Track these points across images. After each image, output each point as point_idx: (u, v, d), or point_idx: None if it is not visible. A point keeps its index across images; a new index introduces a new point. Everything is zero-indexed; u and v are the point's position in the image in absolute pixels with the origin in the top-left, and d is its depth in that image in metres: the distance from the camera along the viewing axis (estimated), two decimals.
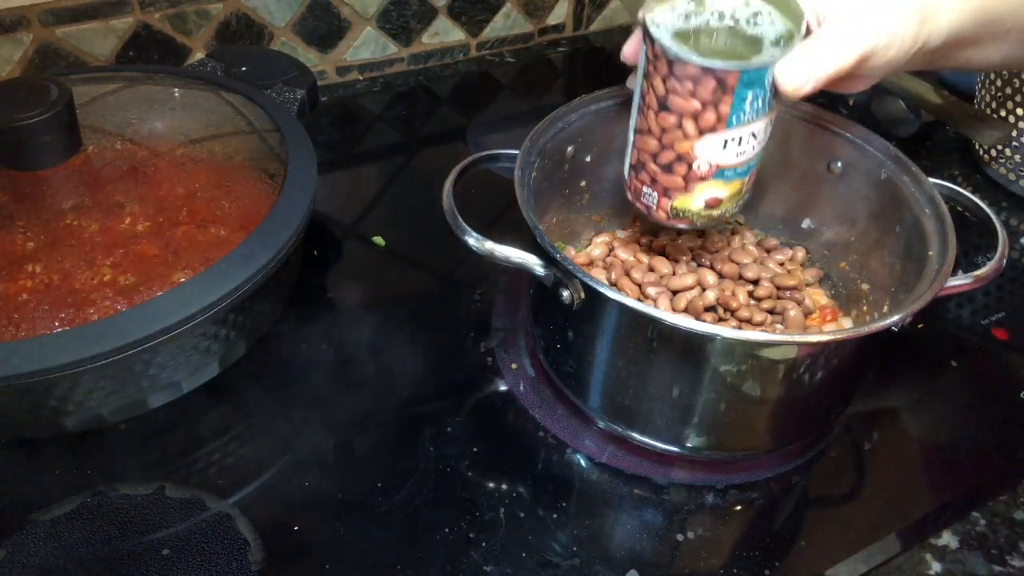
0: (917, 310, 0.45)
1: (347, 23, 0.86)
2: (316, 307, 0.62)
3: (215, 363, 0.53)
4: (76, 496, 0.48)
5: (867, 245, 0.58)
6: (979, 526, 0.51)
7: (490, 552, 0.47)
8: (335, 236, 0.69)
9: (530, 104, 0.89)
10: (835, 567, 0.48)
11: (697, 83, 0.42)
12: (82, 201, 0.53)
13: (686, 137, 0.44)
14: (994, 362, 0.62)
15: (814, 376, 0.46)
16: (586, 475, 0.52)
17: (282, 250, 0.51)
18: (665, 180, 0.47)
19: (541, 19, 0.97)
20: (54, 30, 0.73)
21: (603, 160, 0.62)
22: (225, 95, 0.64)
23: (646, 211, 0.50)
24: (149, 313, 0.46)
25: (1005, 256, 0.50)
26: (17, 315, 0.47)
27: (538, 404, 0.55)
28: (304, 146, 0.59)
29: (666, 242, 0.61)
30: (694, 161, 0.45)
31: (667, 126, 0.45)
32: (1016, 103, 0.73)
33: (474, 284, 0.64)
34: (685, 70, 0.42)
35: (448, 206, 0.50)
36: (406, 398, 0.56)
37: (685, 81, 0.42)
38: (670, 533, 0.49)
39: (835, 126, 0.59)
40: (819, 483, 0.53)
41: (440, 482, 0.51)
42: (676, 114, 0.44)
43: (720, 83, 0.42)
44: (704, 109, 0.43)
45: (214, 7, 0.78)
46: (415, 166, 0.78)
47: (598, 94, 0.59)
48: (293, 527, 0.48)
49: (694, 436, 0.49)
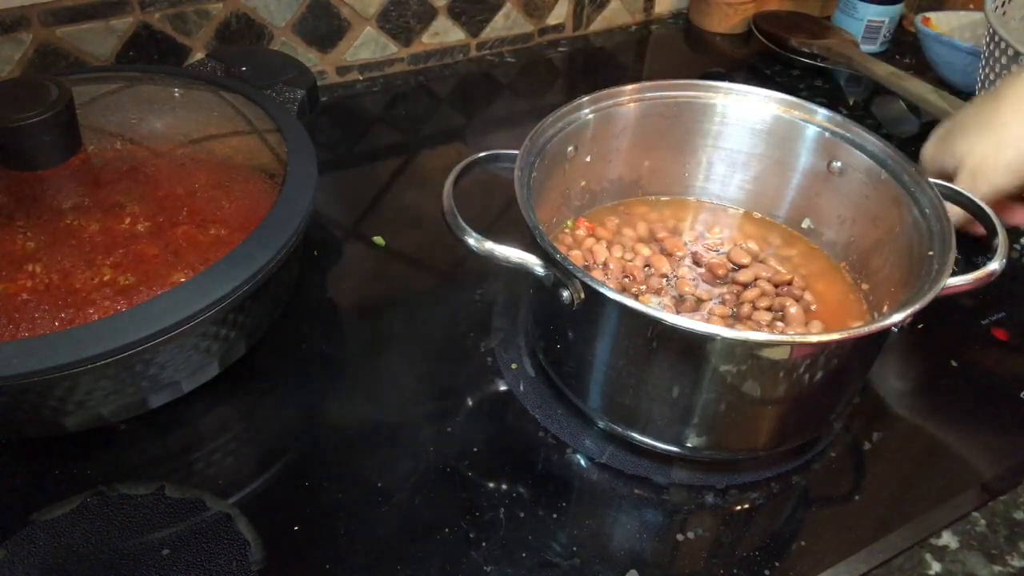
0: (917, 310, 0.45)
1: (347, 23, 0.86)
2: (316, 307, 0.62)
3: (215, 363, 0.53)
4: (76, 496, 0.48)
5: (867, 245, 0.58)
6: (979, 526, 0.51)
7: (490, 552, 0.47)
8: (335, 236, 0.69)
9: (530, 104, 0.89)
10: (835, 567, 0.48)
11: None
12: (82, 201, 0.53)
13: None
14: (994, 362, 0.62)
15: (814, 376, 0.46)
16: (586, 475, 0.52)
17: (282, 250, 0.51)
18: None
19: (541, 19, 0.97)
20: (54, 30, 0.73)
21: (603, 160, 0.62)
22: (225, 95, 0.64)
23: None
24: (149, 313, 0.46)
25: (1005, 256, 0.50)
26: (17, 315, 0.47)
27: (538, 404, 0.55)
28: (304, 146, 0.59)
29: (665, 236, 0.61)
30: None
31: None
32: None
33: (474, 284, 0.64)
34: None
35: (448, 206, 0.50)
36: (406, 398, 0.56)
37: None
38: (670, 533, 0.49)
39: (835, 126, 0.59)
40: (819, 483, 0.53)
41: (440, 482, 0.51)
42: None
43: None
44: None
45: (214, 7, 0.78)
46: (415, 166, 0.78)
47: (598, 94, 0.59)
48: (293, 527, 0.48)
49: (694, 436, 0.49)
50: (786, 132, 0.61)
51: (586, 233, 0.61)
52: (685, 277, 0.59)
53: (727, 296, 0.57)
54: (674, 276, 0.59)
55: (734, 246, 0.61)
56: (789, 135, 0.61)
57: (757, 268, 0.59)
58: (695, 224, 0.64)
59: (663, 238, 0.62)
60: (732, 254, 0.60)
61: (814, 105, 0.60)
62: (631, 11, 1.04)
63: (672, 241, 0.61)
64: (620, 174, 0.64)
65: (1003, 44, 0.72)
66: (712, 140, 0.63)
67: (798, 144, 0.61)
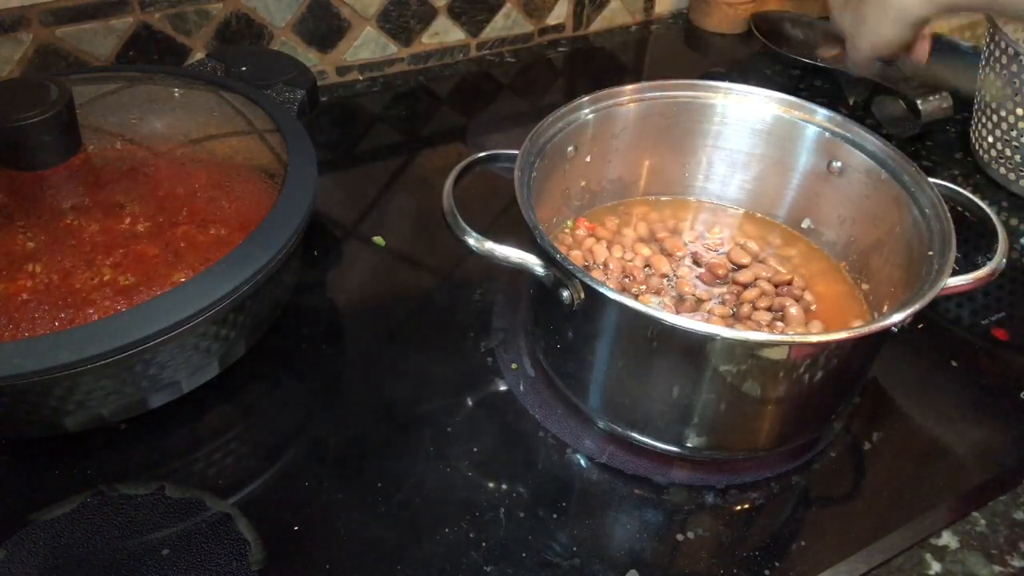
0: (917, 310, 0.45)
1: (347, 23, 0.86)
2: (316, 307, 0.62)
3: (215, 363, 0.53)
4: (76, 496, 0.48)
5: (867, 245, 0.58)
6: (979, 526, 0.51)
7: (490, 552, 0.47)
8: (335, 236, 0.69)
9: (530, 104, 0.89)
10: (835, 567, 0.48)
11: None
12: (82, 201, 0.53)
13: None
14: (994, 362, 0.62)
15: (814, 376, 0.46)
16: (586, 475, 0.52)
17: (282, 250, 0.51)
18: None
19: (541, 19, 0.97)
20: (54, 30, 0.73)
21: (603, 160, 0.62)
22: (225, 95, 0.64)
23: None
24: (149, 313, 0.46)
25: (1005, 256, 0.50)
26: (17, 315, 0.47)
27: (538, 404, 0.55)
28: (304, 146, 0.59)
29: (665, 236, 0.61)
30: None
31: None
32: (1016, 103, 0.73)
33: (474, 284, 0.64)
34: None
35: (448, 206, 0.50)
36: (406, 398, 0.56)
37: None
38: (670, 533, 0.49)
39: (835, 126, 0.59)
40: (819, 483, 0.53)
41: (440, 482, 0.51)
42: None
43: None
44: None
45: (214, 7, 0.78)
46: (415, 166, 0.78)
47: (598, 94, 0.59)
48: (293, 527, 0.48)
49: (694, 436, 0.49)
50: (786, 132, 0.61)
51: (586, 233, 0.61)
52: (685, 277, 0.59)
53: (727, 296, 0.57)
54: (674, 276, 0.59)
55: (734, 246, 0.61)
56: (789, 135, 0.61)
57: (757, 268, 0.59)
58: (695, 224, 0.64)
59: (663, 238, 0.62)
60: (732, 254, 0.60)
61: (814, 105, 0.60)
62: (631, 11, 1.04)
63: (672, 241, 0.61)
64: (620, 174, 0.64)
65: (1003, 44, 0.72)
66: (712, 140, 0.63)
67: (798, 144, 0.61)
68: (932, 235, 0.51)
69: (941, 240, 0.50)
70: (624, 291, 0.57)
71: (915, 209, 0.53)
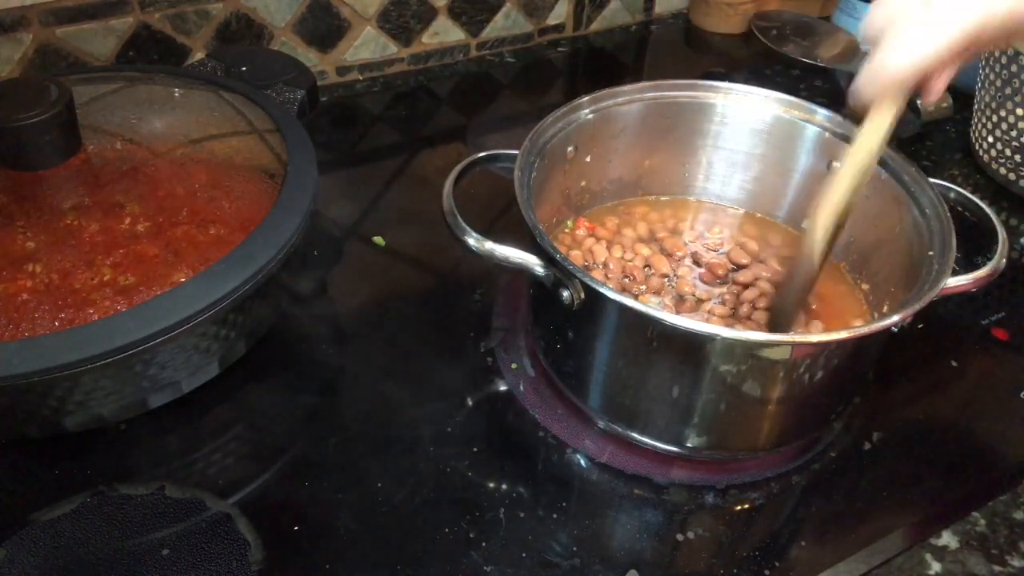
0: (917, 310, 0.45)
1: (347, 23, 0.86)
2: (316, 307, 0.62)
3: (215, 363, 0.53)
4: (76, 496, 0.48)
5: (867, 245, 0.58)
6: (979, 526, 0.51)
7: (490, 552, 0.47)
8: (335, 236, 0.69)
9: (530, 104, 0.89)
10: (835, 567, 0.48)
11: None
12: (82, 201, 0.53)
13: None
14: (994, 362, 0.62)
15: (814, 376, 0.46)
16: (586, 475, 0.52)
17: (282, 250, 0.51)
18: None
19: (541, 19, 0.97)
20: (54, 30, 0.73)
21: (603, 160, 0.62)
22: (225, 95, 0.64)
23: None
24: (149, 313, 0.46)
25: (1005, 256, 0.50)
26: (17, 315, 0.47)
27: (538, 404, 0.55)
28: (304, 146, 0.59)
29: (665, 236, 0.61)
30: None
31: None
32: (1016, 103, 0.73)
33: (474, 284, 0.64)
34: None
35: (448, 206, 0.50)
36: (406, 398, 0.56)
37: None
38: (670, 533, 0.49)
39: (835, 126, 0.59)
40: (819, 483, 0.52)
41: (440, 482, 0.51)
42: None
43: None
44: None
45: (214, 7, 0.78)
46: (415, 166, 0.78)
47: (598, 94, 0.59)
48: (293, 527, 0.48)
49: (694, 436, 0.49)
50: (786, 132, 0.61)
51: (586, 233, 0.61)
52: (685, 277, 0.59)
53: (727, 296, 0.57)
54: (674, 276, 0.59)
55: (734, 246, 0.61)
56: (789, 135, 0.61)
57: (757, 268, 0.59)
58: (695, 224, 0.64)
59: (663, 238, 0.62)
60: (732, 254, 0.60)
61: (814, 105, 0.60)
62: (631, 11, 1.04)
63: (672, 241, 0.61)
64: (620, 174, 0.64)
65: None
66: (712, 140, 0.63)
67: (798, 144, 0.61)
68: (932, 235, 0.51)
69: (941, 240, 0.50)
70: (624, 291, 0.57)
71: (915, 209, 0.53)
